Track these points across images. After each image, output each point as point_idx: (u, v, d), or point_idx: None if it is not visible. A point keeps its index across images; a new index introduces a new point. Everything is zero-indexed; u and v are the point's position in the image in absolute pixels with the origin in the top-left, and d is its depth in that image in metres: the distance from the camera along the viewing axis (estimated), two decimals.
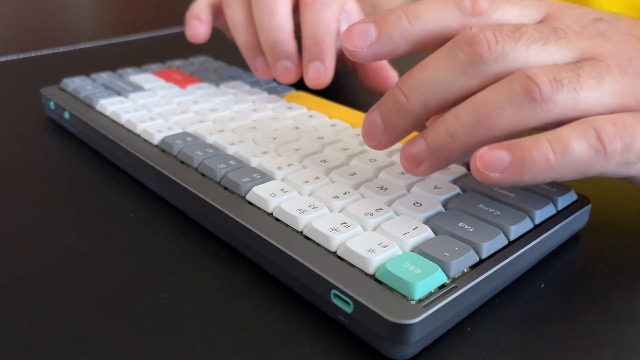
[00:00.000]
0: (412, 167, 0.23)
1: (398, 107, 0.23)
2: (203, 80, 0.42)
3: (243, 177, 0.27)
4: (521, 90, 0.21)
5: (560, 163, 0.20)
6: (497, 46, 0.22)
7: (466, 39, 0.22)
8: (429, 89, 0.22)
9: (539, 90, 0.21)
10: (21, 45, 0.60)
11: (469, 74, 0.22)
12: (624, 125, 0.21)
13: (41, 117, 0.41)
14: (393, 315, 0.19)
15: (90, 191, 0.31)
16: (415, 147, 0.23)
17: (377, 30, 0.24)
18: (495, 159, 0.20)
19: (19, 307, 0.22)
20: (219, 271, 0.25)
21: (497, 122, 0.21)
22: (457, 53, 0.22)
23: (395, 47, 0.24)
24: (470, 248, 0.22)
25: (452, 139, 0.22)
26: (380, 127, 0.24)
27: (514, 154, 0.20)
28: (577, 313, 0.22)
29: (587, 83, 0.21)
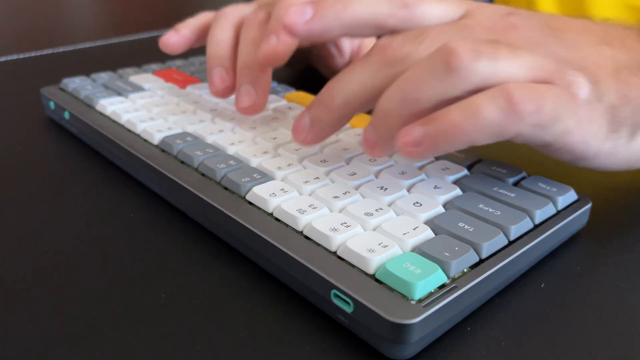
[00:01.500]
0: (369, 150, 0.25)
1: (323, 105, 0.26)
2: (203, 80, 0.42)
3: (243, 177, 0.27)
4: (442, 61, 0.22)
5: (472, 127, 0.22)
6: (403, 49, 0.25)
7: (377, 46, 0.25)
8: (349, 88, 0.26)
9: (458, 59, 0.22)
10: (21, 45, 0.60)
11: (379, 74, 0.25)
12: (535, 89, 0.22)
13: (41, 117, 0.41)
14: (393, 315, 0.19)
15: (90, 191, 0.31)
16: (366, 134, 0.25)
17: (313, 10, 0.27)
18: (411, 135, 0.23)
19: (19, 307, 0.22)
20: (219, 271, 0.25)
21: (422, 94, 0.23)
22: (370, 58, 0.25)
23: (328, 27, 0.27)
24: (470, 248, 0.22)
25: (388, 118, 0.24)
26: (306, 124, 0.27)
27: (427, 127, 0.22)
28: (577, 313, 0.22)
29: (504, 55, 0.23)
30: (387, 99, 0.24)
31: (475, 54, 0.22)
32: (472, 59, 0.22)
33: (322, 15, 0.27)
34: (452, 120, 0.22)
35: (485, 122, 0.22)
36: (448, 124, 0.22)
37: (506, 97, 0.22)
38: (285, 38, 0.34)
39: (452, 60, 0.22)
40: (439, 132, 0.22)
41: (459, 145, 0.23)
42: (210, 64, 0.35)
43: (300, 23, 0.27)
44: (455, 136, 0.22)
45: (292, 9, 0.27)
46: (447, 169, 0.28)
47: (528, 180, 0.27)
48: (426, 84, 0.23)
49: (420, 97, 0.23)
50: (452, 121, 0.22)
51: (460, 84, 0.22)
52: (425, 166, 0.29)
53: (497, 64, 0.23)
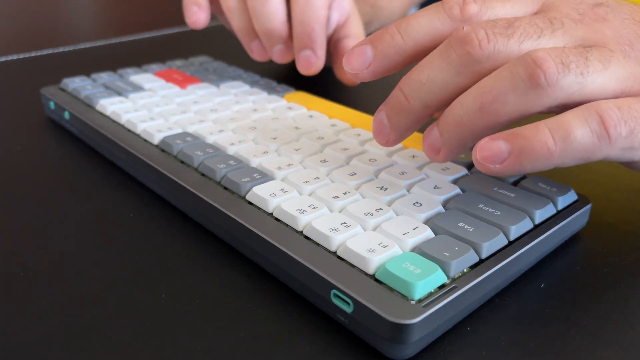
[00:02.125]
0: (432, 155, 0.24)
1: (400, 107, 0.24)
2: (203, 80, 0.42)
3: (243, 177, 0.27)
4: (525, 75, 0.21)
5: (561, 150, 0.20)
6: (489, 44, 0.22)
7: (458, 39, 0.22)
8: (426, 89, 0.23)
9: (544, 74, 0.20)
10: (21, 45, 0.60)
11: (462, 73, 0.22)
12: (628, 109, 0.21)
13: (41, 117, 0.41)
14: (393, 315, 0.19)
15: (90, 191, 0.31)
16: (430, 138, 0.24)
17: (374, 50, 0.24)
18: (494, 150, 0.21)
19: (19, 306, 0.22)
20: (219, 271, 0.25)
21: (501, 108, 0.21)
22: (450, 53, 0.22)
23: (392, 63, 0.25)
24: (470, 248, 0.22)
25: (460, 127, 0.22)
26: (387, 126, 0.25)
27: (512, 144, 0.21)
28: (577, 313, 0.22)
29: (594, 67, 0.21)
30: (462, 107, 0.22)
31: (563, 69, 0.21)
32: (560, 74, 0.20)
33: (384, 54, 0.24)
34: (541, 140, 0.20)
35: (576, 146, 0.20)
36: (537, 145, 0.20)
37: (600, 119, 0.20)
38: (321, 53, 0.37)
39: (538, 74, 0.20)
40: (526, 152, 0.20)
41: (542, 167, 0.21)
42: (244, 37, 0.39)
43: (364, 68, 0.25)
44: (543, 158, 0.20)
45: (353, 52, 0.25)
46: (447, 169, 0.28)
47: (528, 180, 0.27)
48: (507, 98, 0.21)
49: (499, 111, 0.21)
50: (541, 142, 0.20)
51: (545, 101, 0.21)
52: (425, 166, 0.29)
53: (586, 78, 0.21)
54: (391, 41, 0.24)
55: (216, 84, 0.41)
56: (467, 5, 0.24)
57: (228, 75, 0.43)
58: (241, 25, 0.39)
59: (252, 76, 0.43)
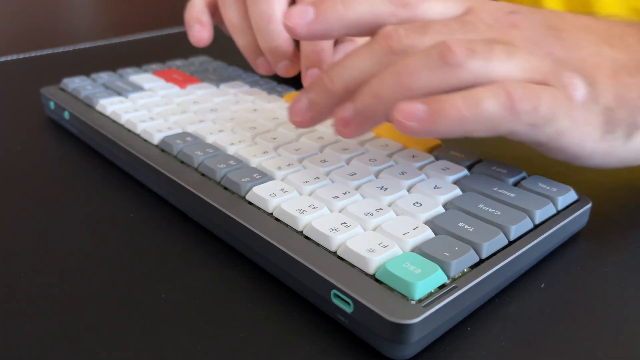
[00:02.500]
0: (341, 128, 0.26)
1: (322, 89, 0.26)
2: (203, 80, 0.42)
3: (243, 177, 0.27)
4: (437, 55, 0.23)
5: (472, 116, 0.22)
6: (407, 39, 0.25)
7: (382, 34, 0.25)
8: (350, 74, 0.26)
9: (453, 55, 0.23)
10: (21, 45, 0.60)
11: (382, 62, 0.25)
12: (532, 89, 0.23)
13: (41, 117, 0.41)
14: (393, 315, 0.19)
15: (90, 191, 0.31)
16: (343, 111, 0.25)
17: (315, 11, 0.27)
18: (412, 110, 0.23)
19: (19, 307, 0.22)
20: (219, 271, 0.25)
21: (415, 83, 0.23)
22: (374, 46, 0.25)
23: (330, 28, 0.27)
24: (470, 248, 0.22)
25: (375, 99, 0.24)
26: (304, 106, 0.27)
27: (429, 106, 0.23)
28: (577, 313, 0.22)
29: (498, 56, 0.24)
30: (380, 82, 0.24)
31: (469, 52, 0.23)
32: (466, 56, 0.23)
33: (324, 16, 0.27)
34: (454, 104, 0.22)
35: (485, 114, 0.22)
36: (451, 108, 0.22)
37: (506, 93, 0.22)
38: None
39: (448, 55, 0.23)
40: (440, 113, 0.22)
41: (454, 132, 0.23)
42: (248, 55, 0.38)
43: (303, 24, 0.27)
44: (455, 121, 0.22)
45: (294, 10, 0.27)
46: (447, 169, 0.28)
47: (528, 180, 0.27)
48: (420, 74, 0.23)
49: (413, 85, 0.23)
50: (455, 106, 0.22)
51: (453, 79, 0.23)
52: (425, 166, 0.29)
53: (490, 63, 0.23)
54: (333, 8, 0.27)
55: (216, 84, 0.41)
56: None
57: (228, 75, 0.43)
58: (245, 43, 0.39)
59: (252, 76, 0.43)
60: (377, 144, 0.31)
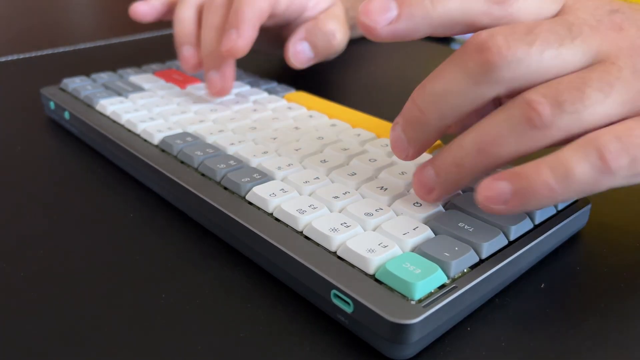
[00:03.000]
0: (424, 194, 0.24)
1: (415, 121, 0.23)
2: (203, 80, 0.42)
3: (243, 177, 0.27)
4: (522, 117, 0.21)
5: (562, 189, 0.20)
6: (509, 52, 0.21)
7: (475, 46, 0.21)
8: (443, 101, 0.22)
9: (539, 117, 0.20)
10: (21, 45, 0.60)
11: (481, 83, 0.21)
12: (629, 137, 0.20)
13: (41, 117, 0.41)
14: (393, 315, 0.19)
15: (91, 191, 0.31)
16: (425, 176, 0.23)
17: (399, 7, 0.23)
18: (497, 191, 0.21)
19: (19, 307, 0.22)
20: (219, 271, 0.25)
21: (500, 150, 0.21)
22: (467, 62, 0.22)
23: (415, 27, 0.23)
24: (470, 248, 0.22)
25: (458, 168, 0.22)
26: (404, 140, 0.24)
27: (515, 185, 0.20)
28: (577, 313, 0.22)
29: (591, 100, 0.21)
30: (462, 149, 0.22)
31: (558, 108, 0.20)
32: (555, 115, 0.20)
33: (410, 14, 0.23)
34: (542, 180, 0.20)
35: (577, 184, 0.20)
36: (539, 185, 0.20)
37: (598, 153, 0.20)
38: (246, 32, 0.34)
39: (533, 117, 0.20)
40: (528, 192, 0.20)
41: (546, 205, 0.21)
42: (178, 41, 0.39)
43: (384, 24, 0.23)
44: (546, 197, 0.20)
45: (373, 4, 0.23)
46: None
47: None
48: (506, 140, 0.21)
49: (499, 153, 0.21)
50: (543, 182, 0.20)
51: (543, 141, 0.21)
52: None
53: (582, 114, 0.21)
54: (420, 4, 0.23)
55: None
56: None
57: None
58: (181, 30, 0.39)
59: (252, 76, 0.43)
60: (377, 144, 0.31)
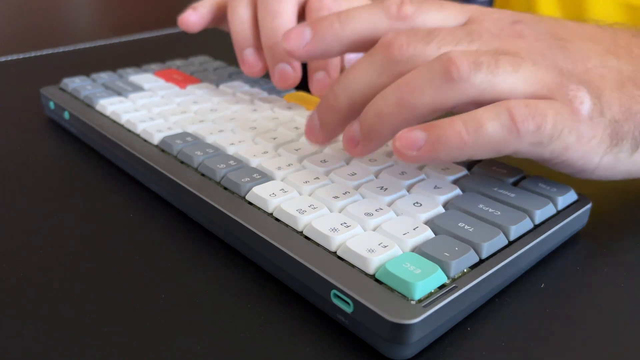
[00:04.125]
0: (350, 147, 0.25)
1: (329, 106, 0.26)
2: (203, 80, 0.42)
3: (243, 177, 0.27)
4: (440, 70, 0.22)
5: (473, 141, 0.22)
6: (409, 48, 0.24)
7: (382, 44, 0.25)
8: (353, 88, 0.25)
9: (457, 70, 0.22)
10: (21, 45, 0.60)
11: (384, 73, 0.24)
12: (535, 107, 0.22)
13: (41, 117, 0.41)
14: (393, 316, 0.19)
15: (90, 191, 0.31)
16: (351, 130, 0.25)
17: (312, 32, 0.27)
18: (412, 138, 0.22)
19: (19, 307, 0.22)
20: (219, 271, 0.25)
21: (418, 100, 0.23)
22: (374, 56, 0.25)
23: (327, 47, 0.27)
24: (470, 248, 0.22)
25: (380, 119, 0.24)
26: (317, 125, 0.27)
27: (429, 133, 0.22)
28: (577, 313, 0.22)
29: (503, 69, 0.23)
30: (383, 100, 0.24)
31: (475, 66, 0.22)
32: (472, 70, 0.22)
33: (321, 36, 0.27)
34: (455, 130, 0.22)
35: (487, 138, 0.22)
36: (451, 134, 0.22)
37: (509, 114, 0.22)
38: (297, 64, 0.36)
39: (452, 69, 0.22)
40: (441, 141, 0.22)
41: (456, 157, 0.23)
42: (239, 45, 0.37)
43: (300, 47, 0.27)
44: (456, 147, 0.22)
45: (291, 32, 0.27)
46: (447, 169, 0.28)
47: (528, 180, 0.27)
48: (424, 90, 0.23)
49: (416, 103, 0.23)
50: (456, 132, 0.22)
51: (458, 94, 0.22)
52: (425, 166, 0.29)
53: (496, 77, 0.23)
54: (329, 27, 0.26)
55: (216, 84, 0.41)
56: (404, 5, 0.26)
57: (228, 75, 0.43)
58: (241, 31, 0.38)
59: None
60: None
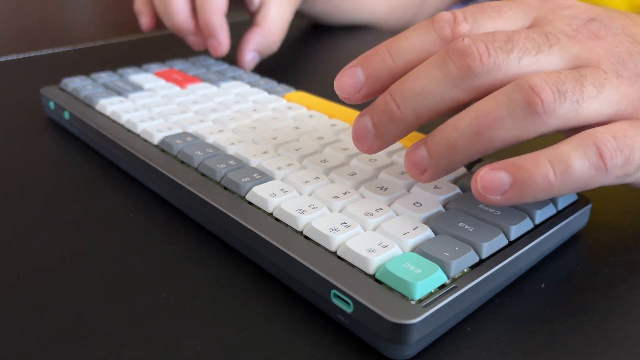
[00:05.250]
0: (416, 174, 0.23)
1: (390, 116, 0.23)
2: (203, 80, 0.42)
3: (243, 177, 0.27)
4: (523, 102, 0.20)
5: (561, 183, 0.20)
6: (489, 59, 0.21)
7: (458, 50, 0.22)
8: (421, 100, 0.22)
9: (541, 103, 0.20)
10: (21, 45, 0.60)
11: (460, 86, 0.22)
12: (623, 138, 0.21)
13: (41, 117, 0.41)
14: (393, 315, 0.19)
15: (90, 191, 0.31)
16: (418, 156, 0.23)
17: (365, 73, 0.24)
18: (496, 182, 0.21)
19: (19, 307, 0.22)
20: (219, 271, 0.25)
21: (497, 134, 0.21)
22: (448, 65, 0.22)
23: (383, 85, 0.24)
24: (470, 248, 0.22)
25: (451, 150, 0.22)
26: (371, 133, 0.24)
27: (514, 176, 0.20)
28: (577, 313, 0.22)
29: (589, 93, 0.21)
30: (456, 131, 0.22)
31: (559, 95, 0.20)
32: (557, 101, 0.20)
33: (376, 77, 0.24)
34: (542, 173, 0.20)
35: (575, 178, 0.20)
36: (539, 178, 0.20)
37: (597, 151, 0.20)
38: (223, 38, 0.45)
39: (536, 102, 0.20)
40: (527, 185, 0.20)
41: (541, 198, 0.21)
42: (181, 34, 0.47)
43: (355, 92, 0.24)
44: (543, 190, 0.20)
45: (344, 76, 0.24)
46: None
47: None
48: (504, 124, 0.21)
49: (495, 137, 0.21)
50: (542, 175, 0.20)
51: (540, 128, 0.21)
52: None
53: (581, 105, 0.21)
54: (382, 63, 0.24)
55: (216, 84, 0.41)
56: (458, 25, 0.24)
57: (228, 75, 0.43)
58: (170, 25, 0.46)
59: (252, 76, 0.43)
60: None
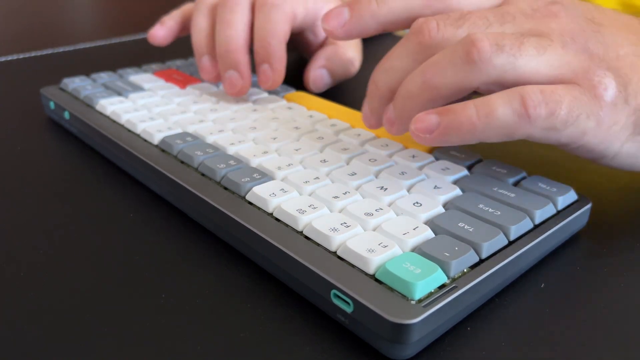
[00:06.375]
0: (388, 127, 0.27)
1: (373, 94, 0.27)
2: (203, 80, 0.42)
3: (243, 177, 0.27)
4: (462, 51, 0.23)
5: (484, 125, 0.23)
6: (438, 34, 0.25)
7: (414, 29, 0.25)
8: (391, 75, 0.26)
9: (478, 51, 0.23)
10: (21, 45, 0.60)
11: (417, 60, 0.25)
12: (551, 93, 0.23)
13: (41, 117, 0.41)
14: (393, 315, 0.19)
15: (90, 191, 0.31)
16: (387, 112, 0.26)
17: (350, 12, 0.28)
18: (426, 123, 0.23)
19: (19, 306, 0.22)
20: (219, 271, 0.25)
21: (441, 81, 0.24)
22: (408, 42, 0.26)
23: (365, 26, 0.28)
24: (470, 248, 0.22)
25: (409, 99, 0.25)
26: (368, 111, 0.28)
27: (442, 117, 0.23)
28: (577, 313, 0.22)
29: (527, 52, 0.23)
30: (410, 82, 0.24)
31: (496, 48, 0.23)
32: (493, 52, 0.23)
33: (359, 16, 0.27)
34: (467, 115, 0.23)
35: (497, 123, 0.22)
36: (463, 118, 0.23)
37: (521, 100, 0.22)
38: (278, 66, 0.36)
39: (473, 51, 0.23)
40: (453, 125, 0.23)
41: (468, 140, 0.23)
42: (197, 52, 0.38)
43: (339, 27, 0.28)
44: (467, 131, 0.23)
45: (330, 12, 0.28)
46: (447, 169, 0.28)
47: (528, 180, 0.27)
48: (446, 72, 0.23)
49: (439, 84, 0.24)
50: (467, 116, 0.23)
51: (479, 76, 0.23)
52: (425, 166, 0.29)
53: (518, 60, 0.23)
54: (367, 6, 0.27)
55: (216, 84, 0.41)
56: None
57: None
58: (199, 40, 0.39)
59: (252, 76, 0.43)
60: (377, 144, 0.31)
